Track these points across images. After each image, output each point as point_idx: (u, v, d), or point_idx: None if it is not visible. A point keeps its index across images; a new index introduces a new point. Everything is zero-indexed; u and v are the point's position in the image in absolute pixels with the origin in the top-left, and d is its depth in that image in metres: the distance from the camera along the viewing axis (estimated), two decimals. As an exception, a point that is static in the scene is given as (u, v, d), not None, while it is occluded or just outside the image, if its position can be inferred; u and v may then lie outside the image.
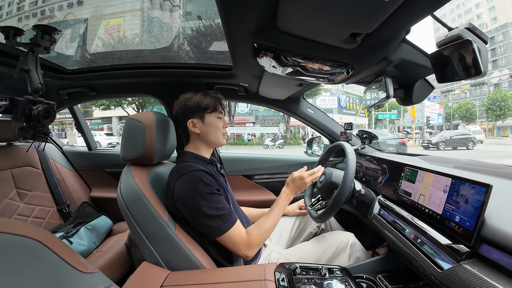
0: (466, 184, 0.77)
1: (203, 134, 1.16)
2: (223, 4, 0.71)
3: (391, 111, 30.62)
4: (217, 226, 1.00)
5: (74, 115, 2.20)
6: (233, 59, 1.19)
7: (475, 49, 0.71)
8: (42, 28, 1.10)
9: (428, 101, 27.97)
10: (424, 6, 0.64)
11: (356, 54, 0.89)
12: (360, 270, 1.20)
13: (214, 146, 1.23)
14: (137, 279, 0.91)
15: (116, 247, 1.57)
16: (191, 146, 1.18)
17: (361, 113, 34.94)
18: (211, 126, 1.17)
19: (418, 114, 26.08)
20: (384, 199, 1.24)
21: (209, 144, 1.20)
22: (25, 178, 1.76)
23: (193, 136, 1.18)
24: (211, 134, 1.17)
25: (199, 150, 1.18)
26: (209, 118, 1.16)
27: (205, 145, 1.19)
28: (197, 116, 1.14)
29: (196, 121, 1.14)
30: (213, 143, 1.20)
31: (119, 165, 2.14)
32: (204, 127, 1.16)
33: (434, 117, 29.86)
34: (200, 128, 1.15)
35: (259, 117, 29.22)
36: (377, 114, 31.66)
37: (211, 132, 1.17)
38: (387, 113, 28.89)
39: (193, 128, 1.14)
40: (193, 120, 1.14)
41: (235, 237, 1.03)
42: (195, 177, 1.01)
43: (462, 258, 0.71)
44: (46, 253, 0.54)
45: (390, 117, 30.12)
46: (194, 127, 1.14)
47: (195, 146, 1.18)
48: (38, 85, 1.12)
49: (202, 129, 1.15)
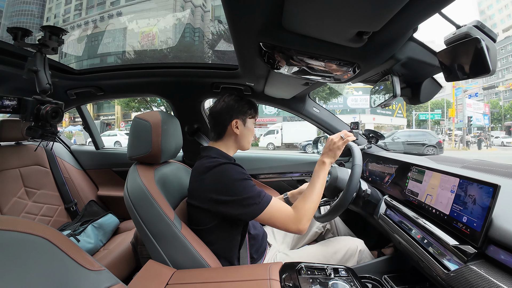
0: (474, 184, 0.76)
1: (240, 136, 1.17)
2: (228, 3, 0.71)
3: (434, 111, 28.03)
4: (256, 203, 0.98)
5: (81, 115, 2.22)
6: (239, 58, 1.19)
7: (484, 47, 0.69)
8: (50, 29, 1.12)
9: (469, 99, 24.57)
10: (431, 4, 0.63)
11: (362, 52, 0.89)
12: (365, 271, 1.19)
13: (242, 149, 1.24)
14: (143, 276, 0.91)
15: (122, 245, 1.59)
16: (221, 144, 1.18)
17: (398, 113, 31.24)
18: (249, 131, 1.20)
19: (458, 114, 22.80)
20: (390, 199, 1.23)
21: (240, 147, 1.21)
22: (33, 177, 1.79)
23: (229, 136, 1.17)
24: (246, 138, 1.20)
25: (228, 150, 1.18)
26: (249, 123, 1.19)
27: (236, 146, 1.20)
28: (241, 118, 1.16)
29: (240, 122, 1.16)
30: (243, 147, 1.22)
31: (126, 164, 2.16)
32: (244, 130, 1.18)
33: (479, 117, 25.35)
34: (240, 129, 1.16)
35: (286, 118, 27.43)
36: (418, 114, 27.92)
37: (247, 135, 1.20)
38: (429, 112, 26.34)
39: (235, 128, 1.15)
40: (237, 120, 1.15)
41: (279, 212, 1.01)
42: (228, 168, 1.03)
43: (469, 259, 0.71)
44: (54, 250, 0.54)
45: (433, 117, 27.55)
46: (236, 127, 1.15)
47: (226, 145, 1.18)
48: (46, 85, 1.14)
49: (242, 131, 1.17)
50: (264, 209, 0.98)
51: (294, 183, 2.08)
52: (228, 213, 1.01)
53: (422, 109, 30.50)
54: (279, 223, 1.01)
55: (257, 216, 0.98)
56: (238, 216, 1.01)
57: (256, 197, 0.99)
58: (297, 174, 2.07)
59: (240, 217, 1.02)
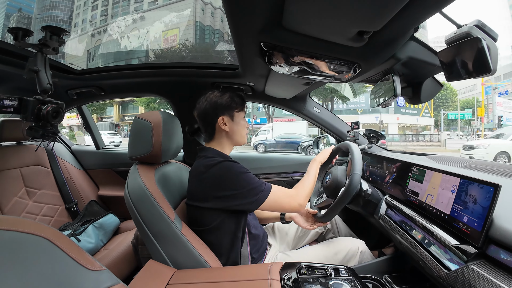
0: (474, 184, 0.76)
1: (231, 132, 1.17)
2: (229, 3, 0.71)
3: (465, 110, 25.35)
4: (261, 190, 1.04)
5: (82, 115, 2.23)
6: (239, 58, 1.19)
7: (484, 46, 0.69)
8: (50, 29, 1.12)
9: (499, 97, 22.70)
10: (432, 3, 0.63)
11: (363, 52, 0.89)
12: (366, 270, 1.19)
13: (237, 145, 1.23)
14: (144, 276, 0.92)
15: (123, 245, 1.59)
16: (215, 143, 1.18)
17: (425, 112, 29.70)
18: (239, 125, 1.18)
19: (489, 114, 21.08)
20: (391, 199, 1.23)
21: (234, 142, 1.21)
22: (34, 177, 1.79)
23: (220, 134, 1.17)
24: (238, 133, 1.19)
25: (223, 148, 1.18)
26: (237, 117, 1.18)
27: (229, 143, 1.20)
28: (227, 114, 1.15)
29: (226, 118, 1.15)
30: (238, 142, 1.21)
31: (126, 164, 2.16)
32: (233, 125, 1.16)
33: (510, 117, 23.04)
34: (229, 126, 1.15)
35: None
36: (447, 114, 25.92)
37: (238, 130, 1.18)
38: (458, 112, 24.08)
39: (222, 125, 1.14)
40: (223, 117, 1.14)
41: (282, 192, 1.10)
42: (228, 164, 1.05)
43: (470, 259, 0.71)
44: (54, 250, 0.54)
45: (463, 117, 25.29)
46: (224, 124, 1.14)
47: (220, 143, 1.18)
48: (47, 85, 1.14)
49: (231, 127, 1.16)
50: (270, 193, 1.06)
51: (294, 183, 2.07)
52: (235, 206, 1.03)
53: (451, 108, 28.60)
54: (285, 202, 1.09)
55: (265, 201, 1.04)
56: (247, 205, 1.04)
57: (260, 185, 1.05)
58: (297, 174, 2.07)
59: (249, 207, 1.05)
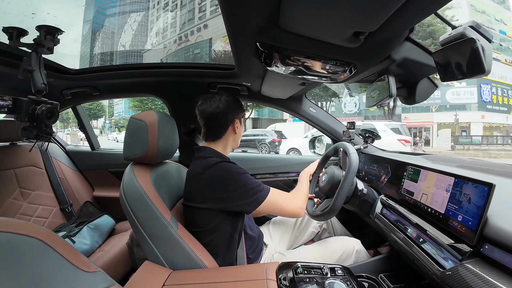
0: (469, 183, 0.77)
1: (237, 135, 1.17)
2: (225, 3, 0.71)
3: None
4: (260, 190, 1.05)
5: (77, 115, 2.21)
6: (235, 58, 1.19)
7: (479, 47, 0.70)
8: (45, 28, 1.10)
9: None
10: (428, 4, 0.64)
11: (359, 53, 0.89)
12: (362, 270, 1.20)
13: (235, 147, 1.24)
14: (139, 278, 0.91)
15: (118, 246, 1.58)
16: (218, 144, 1.16)
17: None
18: (242, 129, 1.20)
19: None
20: (386, 199, 1.24)
21: (235, 145, 1.22)
22: (28, 178, 1.77)
23: (229, 135, 1.16)
24: (239, 137, 1.20)
25: (226, 149, 1.18)
26: (242, 122, 1.19)
27: (231, 145, 1.20)
28: (242, 117, 1.17)
29: (238, 122, 1.15)
30: (237, 144, 1.22)
31: (122, 164, 2.14)
32: (240, 129, 1.18)
33: None
34: (238, 129, 1.16)
35: (368, 117, 25.46)
36: None
37: (240, 134, 1.20)
38: None
39: (236, 128, 1.14)
40: (237, 120, 1.14)
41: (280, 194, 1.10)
42: (227, 165, 1.04)
43: (464, 258, 0.71)
44: (49, 252, 0.54)
45: None
46: (236, 127, 1.15)
47: (224, 145, 1.17)
48: (42, 85, 1.13)
49: (240, 130, 1.17)
50: (268, 194, 1.06)
51: (290, 183, 2.08)
52: (232, 207, 1.03)
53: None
54: (284, 204, 1.09)
55: (263, 201, 1.04)
56: (245, 206, 1.03)
57: (258, 186, 1.05)
58: (293, 174, 2.07)
59: (247, 208, 1.04)
